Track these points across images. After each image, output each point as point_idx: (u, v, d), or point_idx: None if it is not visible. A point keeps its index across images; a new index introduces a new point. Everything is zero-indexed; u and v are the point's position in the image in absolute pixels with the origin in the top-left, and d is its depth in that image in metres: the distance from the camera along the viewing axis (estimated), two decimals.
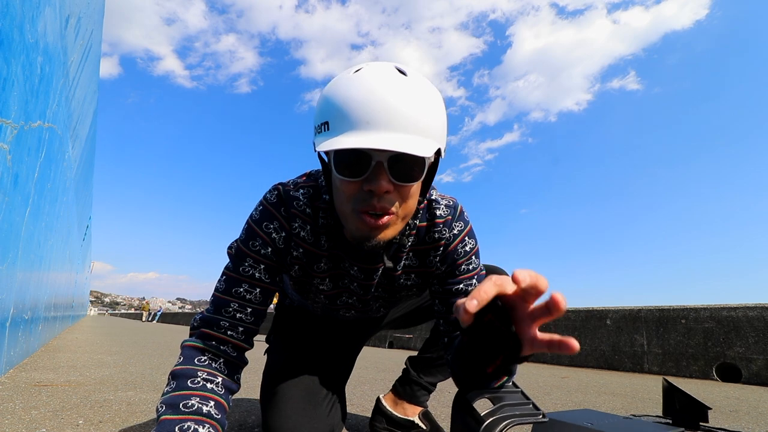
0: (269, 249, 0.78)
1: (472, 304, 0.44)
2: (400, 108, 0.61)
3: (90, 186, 7.33)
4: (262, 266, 0.77)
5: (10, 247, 1.61)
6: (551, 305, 0.45)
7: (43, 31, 1.70)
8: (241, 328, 0.75)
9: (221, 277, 0.79)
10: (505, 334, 0.50)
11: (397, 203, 0.67)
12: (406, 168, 0.64)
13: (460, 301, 0.46)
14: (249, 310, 0.76)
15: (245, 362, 0.76)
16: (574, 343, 0.44)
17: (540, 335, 0.48)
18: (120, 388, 1.75)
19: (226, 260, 0.81)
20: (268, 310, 0.84)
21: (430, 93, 0.65)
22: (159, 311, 29.47)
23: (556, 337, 0.47)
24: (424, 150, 0.60)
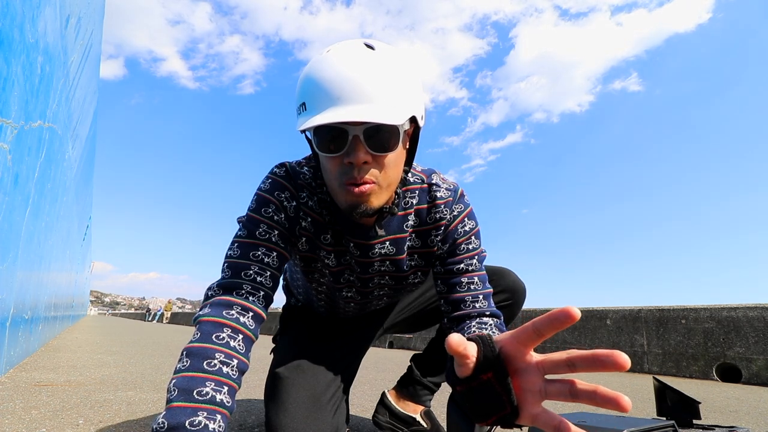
0: (282, 215, 0.80)
1: (458, 341, 0.42)
2: (367, 81, 0.64)
3: (90, 186, 7.33)
4: (276, 232, 0.78)
5: (10, 247, 1.61)
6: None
7: (44, 31, 1.71)
8: (261, 293, 0.74)
9: (233, 244, 0.77)
10: (503, 400, 0.44)
11: (377, 173, 0.70)
12: (382, 139, 0.68)
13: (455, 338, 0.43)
14: (268, 273, 0.75)
15: (257, 337, 0.74)
16: None
17: (547, 414, 0.42)
18: (120, 388, 1.75)
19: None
20: (271, 310, 0.83)
21: (399, 64, 0.69)
22: (159, 311, 29.45)
23: (569, 428, 0.40)
24: (394, 118, 0.64)
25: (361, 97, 0.64)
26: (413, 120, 0.72)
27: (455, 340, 0.43)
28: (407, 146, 0.79)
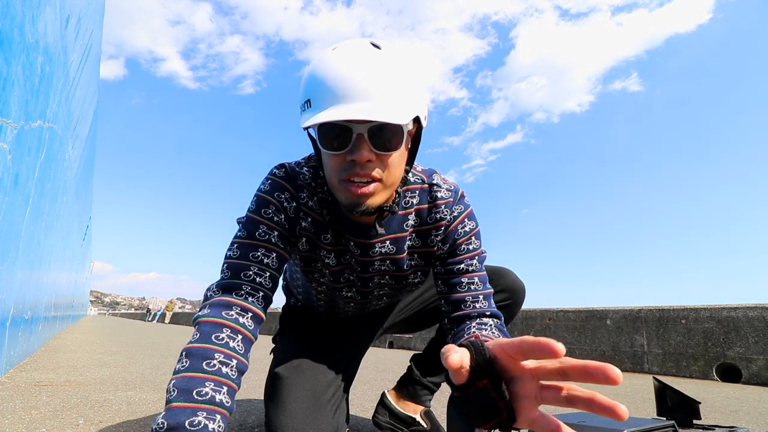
0: (282, 216, 0.80)
1: (456, 358, 0.41)
2: (373, 80, 0.65)
3: (90, 186, 7.33)
4: (276, 233, 0.78)
5: (10, 247, 1.61)
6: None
7: (44, 31, 1.70)
8: (261, 294, 0.74)
9: (232, 245, 0.77)
10: (500, 406, 0.45)
11: (380, 171, 0.71)
12: (386, 138, 0.68)
13: (448, 350, 0.43)
14: (267, 274, 0.75)
15: (256, 338, 0.74)
16: None
17: (544, 417, 0.42)
18: (120, 388, 1.75)
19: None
20: (271, 310, 0.83)
21: (405, 64, 0.69)
22: (159, 311, 29.38)
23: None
24: (399, 117, 0.65)
25: (366, 95, 0.64)
26: (416, 120, 0.72)
27: (455, 360, 0.42)
28: (409, 146, 0.79)
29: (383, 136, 0.68)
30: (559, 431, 0.40)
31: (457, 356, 0.43)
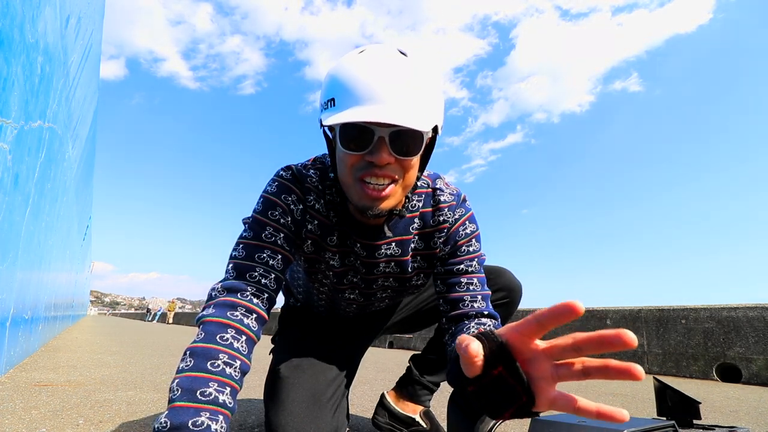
0: (288, 218, 0.80)
1: (474, 348, 0.42)
2: (399, 85, 0.66)
3: (90, 186, 7.33)
4: (282, 235, 0.79)
5: (10, 247, 1.61)
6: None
7: (44, 31, 1.70)
8: (265, 295, 0.74)
9: (237, 246, 0.78)
10: (518, 391, 0.44)
11: (397, 174, 0.72)
12: (406, 142, 0.69)
13: (464, 340, 0.44)
14: (273, 276, 0.76)
15: (259, 338, 0.74)
16: (623, 415, 0.38)
17: (564, 396, 0.42)
18: (120, 388, 1.75)
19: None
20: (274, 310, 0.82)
21: (429, 72, 0.71)
22: (159, 311, 29.41)
23: (590, 406, 0.40)
24: (422, 125, 0.66)
25: (390, 99, 0.65)
26: (434, 129, 0.73)
27: (475, 349, 0.43)
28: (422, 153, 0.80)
29: (403, 141, 0.68)
30: (581, 407, 0.41)
31: (476, 344, 0.43)
